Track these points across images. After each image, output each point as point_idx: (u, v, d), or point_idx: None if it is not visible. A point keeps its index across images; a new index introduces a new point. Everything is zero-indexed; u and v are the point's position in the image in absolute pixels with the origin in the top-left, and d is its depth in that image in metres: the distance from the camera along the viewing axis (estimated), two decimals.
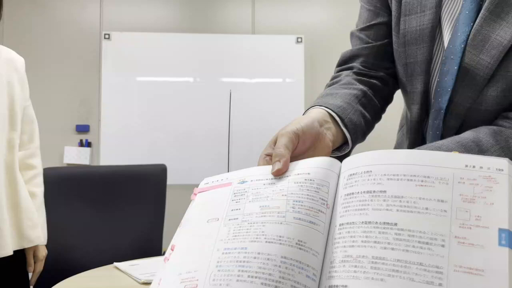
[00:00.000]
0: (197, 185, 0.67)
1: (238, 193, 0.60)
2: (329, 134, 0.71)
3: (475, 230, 0.47)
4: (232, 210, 0.58)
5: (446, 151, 0.67)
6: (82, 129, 3.77)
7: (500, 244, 0.46)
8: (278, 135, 0.64)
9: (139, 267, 1.34)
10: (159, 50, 3.78)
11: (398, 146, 1.05)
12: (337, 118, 0.73)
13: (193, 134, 3.77)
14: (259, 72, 3.85)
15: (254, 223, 0.54)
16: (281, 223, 0.53)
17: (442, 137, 0.84)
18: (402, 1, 0.85)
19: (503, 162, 0.50)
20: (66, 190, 2.01)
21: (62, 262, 1.91)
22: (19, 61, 1.65)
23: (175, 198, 2.44)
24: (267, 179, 0.60)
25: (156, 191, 2.09)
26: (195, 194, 0.65)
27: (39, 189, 1.68)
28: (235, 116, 3.79)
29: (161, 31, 3.83)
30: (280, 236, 0.52)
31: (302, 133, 0.65)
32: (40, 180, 1.70)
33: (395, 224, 0.49)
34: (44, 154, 1.78)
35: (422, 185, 0.50)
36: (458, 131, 0.81)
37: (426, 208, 0.49)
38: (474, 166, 0.50)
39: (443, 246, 0.47)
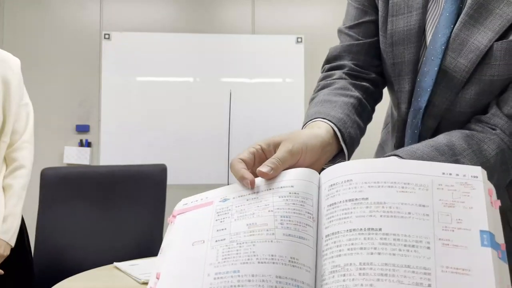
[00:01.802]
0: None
1: (221, 212, 0.57)
2: (328, 155, 0.72)
3: (458, 232, 0.48)
4: (217, 230, 0.55)
5: (420, 155, 0.68)
6: (82, 129, 3.77)
7: (482, 244, 0.47)
8: (282, 146, 0.63)
9: (139, 267, 1.34)
10: (159, 50, 3.78)
11: (383, 143, 1.06)
12: (339, 134, 0.74)
13: (193, 134, 3.77)
14: (259, 72, 3.84)
15: (243, 243, 0.52)
16: (271, 241, 0.52)
17: (420, 136, 0.85)
18: (389, 2, 0.86)
19: (477, 169, 0.53)
20: (66, 190, 2.01)
21: (62, 262, 1.91)
22: (14, 62, 1.66)
23: (175, 198, 2.44)
24: (249, 194, 0.58)
25: (156, 191, 2.09)
26: (174, 217, 0.62)
27: (16, 181, 1.63)
28: (235, 116, 3.78)
29: (161, 31, 3.82)
30: (272, 255, 0.51)
31: (303, 154, 0.64)
32: (21, 172, 1.65)
33: (380, 229, 0.49)
34: (44, 154, 1.78)
35: (403, 191, 0.51)
36: (435, 131, 0.82)
37: (409, 213, 0.50)
38: (450, 174, 0.52)
39: (428, 248, 0.47)
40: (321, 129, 0.72)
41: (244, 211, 0.56)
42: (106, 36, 3.77)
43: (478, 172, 0.52)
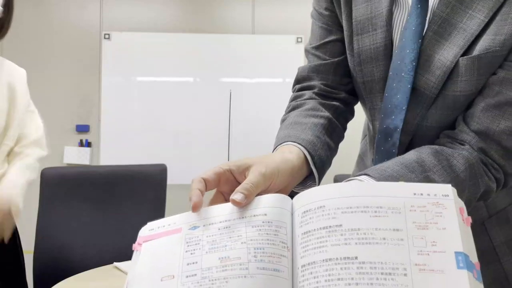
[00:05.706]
0: None
1: (191, 242, 0.54)
2: (298, 179, 0.72)
3: (433, 255, 0.48)
4: (188, 264, 0.52)
5: (390, 173, 0.67)
6: (82, 129, 3.77)
7: (458, 267, 0.47)
8: (254, 170, 0.62)
9: None
10: (159, 50, 3.78)
11: (362, 155, 1.05)
12: (309, 158, 0.74)
13: (193, 134, 3.77)
14: (259, 72, 3.84)
15: (215, 279, 0.50)
16: (245, 276, 0.50)
17: (398, 153, 0.83)
18: (353, 20, 0.84)
19: (447, 187, 0.52)
20: (66, 190, 2.01)
21: (62, 262, 1.91)
22: (21, 72, 1.72)
23: (175, 198, 2.44)
24: (220, 222, 0.55)
25: (156, 191, 2.09)
26: (140, 244, 0.58)
27: (33, 152, 1.65)
28: (235, 116, 3.78)
29: (161, 31, 3.82)
30: None
31: (275, 179, 0.64)
32: (35, 151, 1.66)
33: (356, 258, 0.48)
34: None
35: (376, 216, 0.50)
36: (408, 147, 0.81)
37: (384, 238, 0.49)
38: (421, 194, 0.51)
39: (405, 275, 0.47)
40: (292, 154, 0.72)
41: (216, 242, 0.54)
42: (106, 36, 3.77)
43: (449, 190, 0.52)
